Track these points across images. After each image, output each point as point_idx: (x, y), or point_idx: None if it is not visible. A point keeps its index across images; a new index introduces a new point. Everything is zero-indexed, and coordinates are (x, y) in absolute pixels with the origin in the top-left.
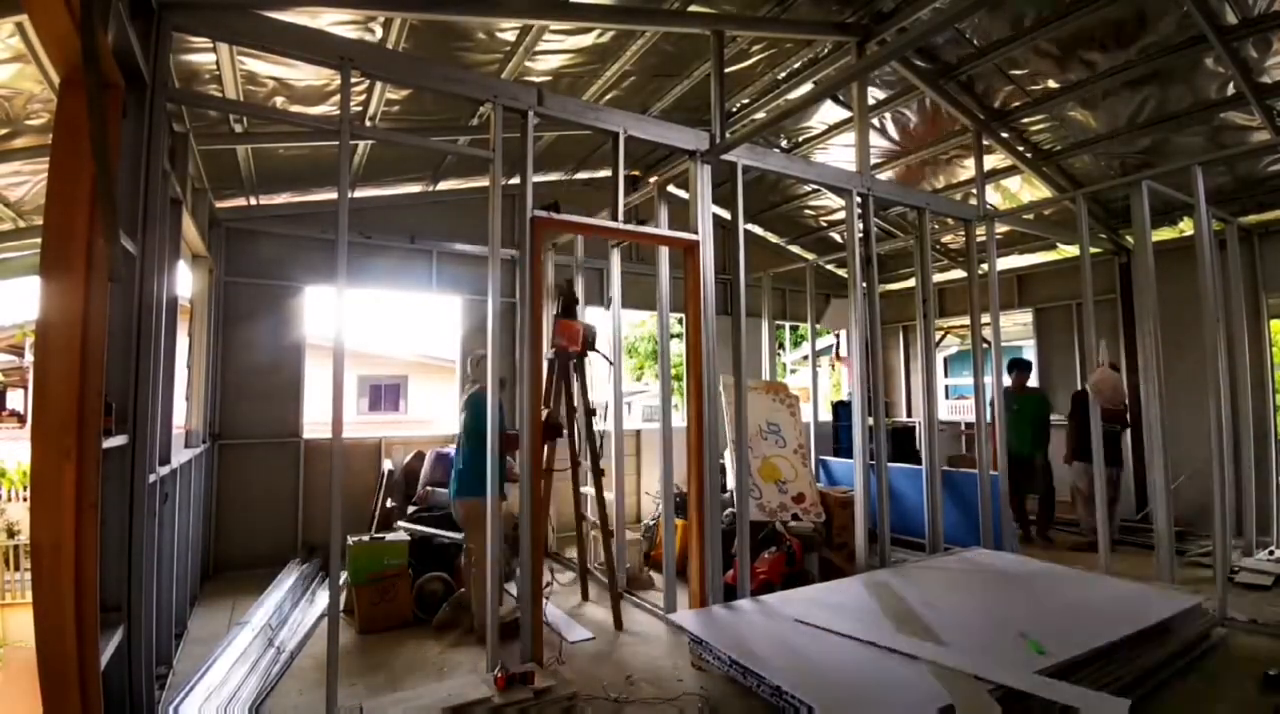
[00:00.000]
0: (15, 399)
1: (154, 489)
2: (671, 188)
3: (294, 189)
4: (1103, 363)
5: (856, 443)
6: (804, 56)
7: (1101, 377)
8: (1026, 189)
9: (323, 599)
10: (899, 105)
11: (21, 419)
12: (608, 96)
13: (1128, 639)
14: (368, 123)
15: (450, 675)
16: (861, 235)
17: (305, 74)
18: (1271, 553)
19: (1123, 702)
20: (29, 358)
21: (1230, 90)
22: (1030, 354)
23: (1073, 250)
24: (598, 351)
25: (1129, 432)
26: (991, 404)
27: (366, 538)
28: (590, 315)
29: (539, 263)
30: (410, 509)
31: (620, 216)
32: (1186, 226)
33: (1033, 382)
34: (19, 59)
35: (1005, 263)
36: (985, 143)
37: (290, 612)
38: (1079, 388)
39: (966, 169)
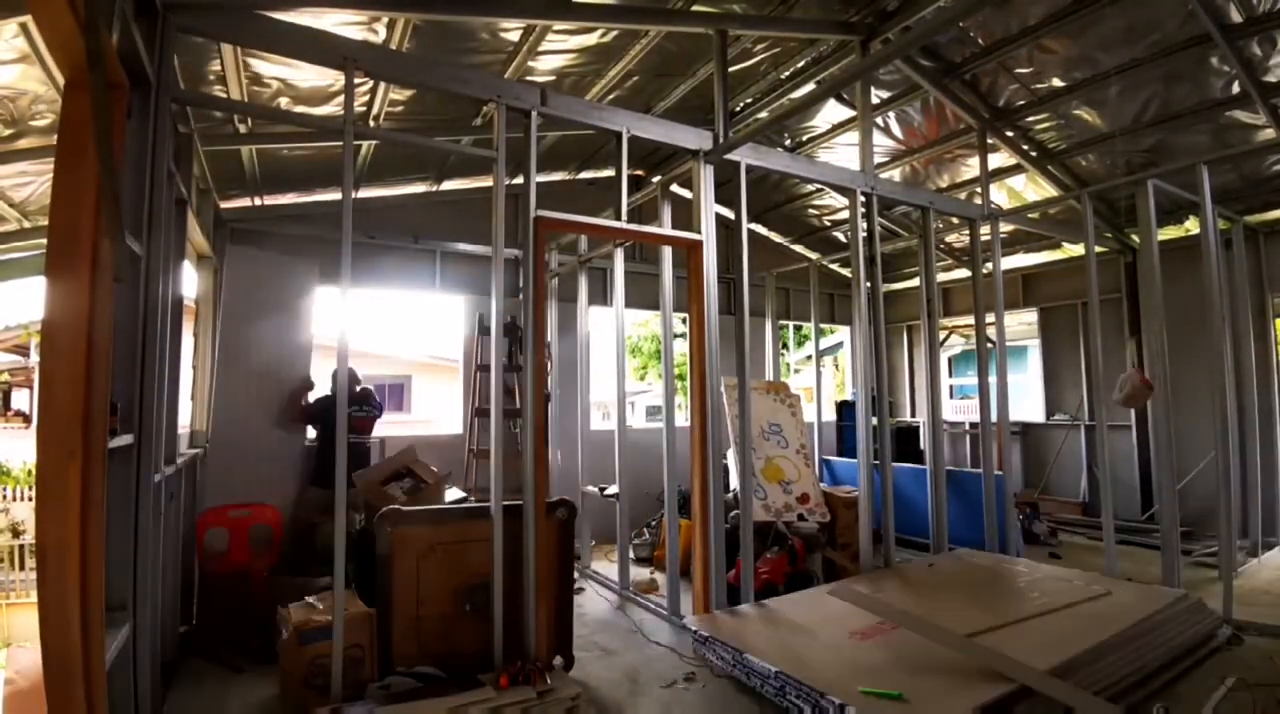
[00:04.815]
0: (21, 399)
1: (159, 488)
2: (675, 187)
3: (298, 189)
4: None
5: (860, 443)
6: (807, 55)
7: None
8: (1031, 188)
9: None
10: (903, 104)
11: (27, 419)
12: (611, 96)
13: (1127, 639)
14: (371, 123)
15: None
16: (865, 235)
17: (309, 75)
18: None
19: (1114, 707)
20: (34, 358)
21: (1235, 89)
22: (1035, 354)
23: (1078, 249)
24: None
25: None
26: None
27: None
28: (593, 315)
29: (541, 262)
30: None
31: (624, 216)
32: (1192, 225)
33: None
34: (23, 59)
35: (1010, 262)
36: (990, 141)
37: None
38: None
39: (971, 168)
